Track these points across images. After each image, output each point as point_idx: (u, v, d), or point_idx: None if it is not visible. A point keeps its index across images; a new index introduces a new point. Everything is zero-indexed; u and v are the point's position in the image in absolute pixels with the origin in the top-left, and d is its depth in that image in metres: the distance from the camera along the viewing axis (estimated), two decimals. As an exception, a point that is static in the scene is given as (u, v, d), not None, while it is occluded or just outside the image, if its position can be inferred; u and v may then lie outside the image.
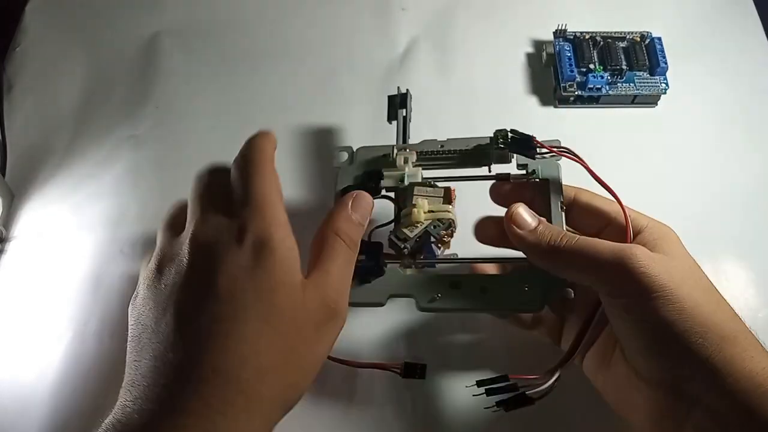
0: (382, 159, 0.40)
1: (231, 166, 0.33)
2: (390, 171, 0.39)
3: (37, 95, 0.53)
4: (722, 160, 0.50)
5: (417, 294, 0.36)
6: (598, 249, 0.31)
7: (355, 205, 0.34)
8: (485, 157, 0.39)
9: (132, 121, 0.51)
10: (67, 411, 0.40)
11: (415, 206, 0.36)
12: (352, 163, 0.40)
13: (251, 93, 0.53)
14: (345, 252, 0.33)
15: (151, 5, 0.57)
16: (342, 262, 0.32)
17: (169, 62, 0.54)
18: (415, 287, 0.36)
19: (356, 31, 0.56)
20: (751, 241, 0.47)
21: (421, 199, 0.37)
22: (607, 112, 0.52)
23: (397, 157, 0.39)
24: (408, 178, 0.38)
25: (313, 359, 0.30)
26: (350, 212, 0.34)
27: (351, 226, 0.33)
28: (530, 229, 0.34)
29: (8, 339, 0.43)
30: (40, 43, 0.56)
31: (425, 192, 0.38)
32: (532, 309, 0.35)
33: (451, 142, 0.40)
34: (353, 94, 0.53)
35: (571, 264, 0.33)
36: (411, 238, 0.36)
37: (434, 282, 0.36)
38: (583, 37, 0.52)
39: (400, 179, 0.38)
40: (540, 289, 0.35)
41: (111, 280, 0.45)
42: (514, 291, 0.35)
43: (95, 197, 0.48)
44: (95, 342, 0.42)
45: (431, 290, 0.36)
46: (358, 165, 0.40)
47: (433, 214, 0.37)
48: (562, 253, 0.32)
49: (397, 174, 0.38)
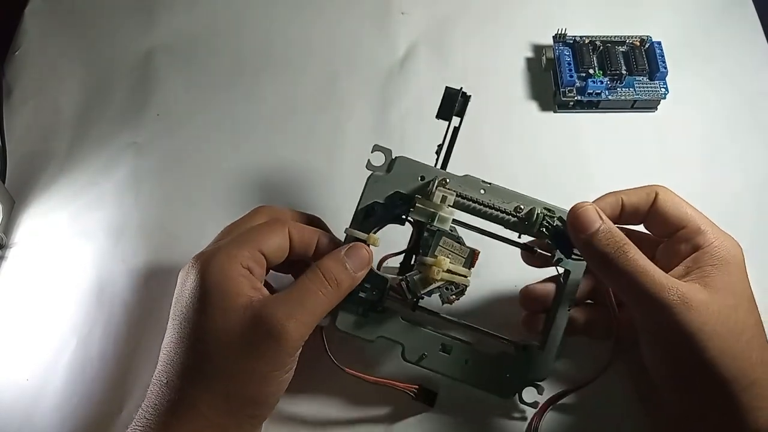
0: (419, 182, 0.37)
1: None
2: (423, 203, 0.36)
3: (36, 100, 0.53)
4: (722, 164, 0.50)
5: (407, 344, 0.37)
6: (640, 278, 0.32)
7: (349, 254, 0.35)
8: (523, 227, 0.37)
9: (133, 128, 0.51)
10: (72, 419, 0.40)
11: (436, 262, 0.35)
12: (388, 172, 0.37)
13: (253, 99, 0.53)
14: (319, 284, 0.34)
15: (152, 12, 0.57)
16: (309, 292, 0.33)
17: (170, 68, 0.54)
18: (407, 337, 0.37)
19: (356, 36, 0.56)
20: (752, 246, 0.46)
21: (444, 256, 0.35)
22: (607, 117, 0.52)
23: (436, 191, 0.36)
24: (439, 222, 0.36)
25: (255, 374, 0.32)
26: (343, 257, 0.35)
27: (340, 268, 0.34)
28: (589, 232, 0.34)
29: (9, 346, 0.43)
30: (40, 47, 0.56)
31: (450, 247, 0.35)
32: (501, 396, 0.37)
33: (494, 189, 0.37)
34: (354, 99, 0.53)
35: (615, 279, 0.34)
36: (420, 296, 0.36)
37: (427, 339, 0.37)
38: (583, 42, 0.52)
39: (432, 218, 0.36)
40: (517, 380, 0.37)
41: (113, 289, 0.45)
42: (494, 374, 0.37)
43: (96, 204, 0.48)
44: (99, 350, 0.43)
45: (421, 347, 0.37)
46: (392, 177, 0.37)
47: (451, 275, 0.35)
48: (609, 265, 0.33)
49: (431, 212, 0.36)
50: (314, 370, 0.38)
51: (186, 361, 0.32)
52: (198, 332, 0.32)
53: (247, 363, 0.32)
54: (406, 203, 0.36)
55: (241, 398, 0.32)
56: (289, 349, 0.32)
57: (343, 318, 0.36)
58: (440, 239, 0.35)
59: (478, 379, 0.37)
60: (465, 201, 0.37)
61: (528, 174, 0.49)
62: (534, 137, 0.51)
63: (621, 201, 0.37)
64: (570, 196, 0.41)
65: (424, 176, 0.37)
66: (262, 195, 0.49)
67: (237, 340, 0.32)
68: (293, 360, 0.34)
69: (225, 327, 0.32)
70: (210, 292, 0.32)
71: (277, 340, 0.32)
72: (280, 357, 0.32)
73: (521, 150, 0.51)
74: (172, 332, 0.34)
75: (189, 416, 0.31)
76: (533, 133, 0.52)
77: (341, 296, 0.35)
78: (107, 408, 0.41)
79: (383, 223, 0.37)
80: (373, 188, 0.37)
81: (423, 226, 0.36)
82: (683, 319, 0.31)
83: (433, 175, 0.37)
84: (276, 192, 0.49)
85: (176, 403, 0.32)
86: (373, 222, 0.37)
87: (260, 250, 0.34)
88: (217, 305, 0.32)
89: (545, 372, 0.37)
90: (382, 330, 0.36)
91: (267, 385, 0.33)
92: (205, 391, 0.32)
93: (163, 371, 0.33)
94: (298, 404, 0.40)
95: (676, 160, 0.50)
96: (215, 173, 0.49)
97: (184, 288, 0.34)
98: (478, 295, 0.44)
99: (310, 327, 0.33)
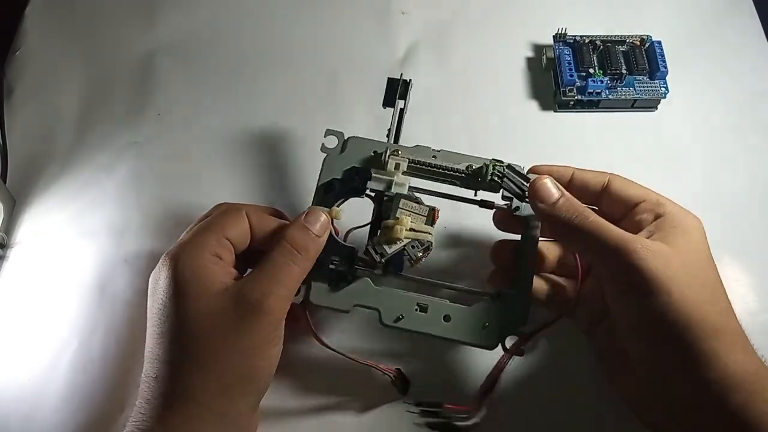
0: (372, 156, 0.40)
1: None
2: (379, 174, 0.39)
3: (37, 100, 0.53)
4: (722, 164, 0.50)
5: (383, 309, 0.37)
6: (604, 234, 0.33)
7: (308, 218, 0.36)
8: (476, 182, 0.40)
9: (134, 128, 0.51)
10: (73, 419, 0.40)
11: (398, 222, 0.37)
12: (342, 152, 0.40)
13: (253, 99, 0.53)
14: (289, 255, 0.35)
15: (153, 12, 0.57)
16: (280, 265, 0.34)
17: (171, 68, 0.54)
18: (383, 302, 0.37)
19: (356, 36, 0.56)
20: (752, 245, 0.47)
21: (405, 216, 0.37)
22: (607, 117, 0.52)
23: (389, 160, 0.39)
24: (396, 187, 0.38)
25: (244, 351, 0.33)
26: (302, 221, 0.36)
27: (304, 234, 0.35)
28: (550, 202, 0.36)
29: (11, 346, 0.43)
30: (41, 47, 0.56)
31: (410, 207, 0.38)
32: (487, 346, 0.37)
33: (445, 154, 0.40)
34: (353, 99, 0.53)
35: (580, 241, 0.35)
36: (389, 254, 0.37)
37: (402, 301, 0.37)
38: (583, 41, 0.52)
39: (388, 185, 0.38)
40: (497, 329, 0.37)
41: (115, 289, 0.45)
42: (475, 326, 0.37)
43: (97, 204, 0.48)
44: (101, 350, 0.43)
45: (397, 309, 0.37)
46: (347, 156, 0.40)
47: (414, 233, 0.37)
48: (572, 229, 0.35)
49: (386, 179, 0.39)
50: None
51: (172, 353, 0.33)
52: (179, 324, 0.33)
53: (233, 342, 0.32)
54: (362, 176, 0.39)
55: (233, 377, 0.33)
56: (273, 323, 0.34)
57: (316, 291, 0.37)
58: (399, 201, 0.38)
59: (459, 333, 0.37)
60: (418, 166, 0.39)
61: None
62: (534, 137, 0.52)
63: (573, 174, 0.39)
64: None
65: (377, 150, 0.39)
66: (262, 195, 0.49)
67: (220, 322, 0.32)
68: (279, 332, 0.35)
69: (206, 312, 0.32)
70: (186, 283, 0.33)
71: (259, 317, 0.33)
72: (265, 332, 0.33)
73: (521, 149, 0.51)
74: (152, 330, 0.34)
75: (184, 404, 0.32)
76: (533, 133, 0.52)
77: (312, 262, 0.36)
78: (108, 408, 0.41)
79: (343, 197, 0.39)
80: (330, 167, 0.39)
81: (382, 196, 0.38)
82: (648, 265, 0.32)
83: (383, 148, 0.39)
84: (276, 192, 0.49)
85: (169, 395, 0.32)
86: (333, 197, 0.39)
87: (225, 236, 0.35)
88: (194, 295, 0.33)
89: (524, 315, 0.38)
90: (356, 298, 0.37)
91: (257, 359, 0.33)
92: (196, 376, 0.32)
93: (150, 368, 0.33)
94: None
95: (676, 159, 0.50)
96: (216, 172, 0.49)
97: (157, 286, 0.34)
98: (442, 257, 0.46)
99: (289, 299, 0.35)
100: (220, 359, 0.32)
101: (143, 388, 0.33)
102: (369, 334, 0.43)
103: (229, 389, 0.33)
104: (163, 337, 0.33)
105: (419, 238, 0.37)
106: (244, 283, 0.34)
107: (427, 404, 0.40)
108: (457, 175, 0.39)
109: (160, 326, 0.33)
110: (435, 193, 0.40)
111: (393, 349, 0.43)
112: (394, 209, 0.37)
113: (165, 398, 0.32)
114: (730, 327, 0.32)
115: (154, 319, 0.34)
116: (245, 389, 0.34)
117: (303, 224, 0.36)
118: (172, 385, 0.32)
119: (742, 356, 0.31)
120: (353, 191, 0.39)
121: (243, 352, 0.33)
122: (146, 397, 0.33)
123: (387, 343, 0.43)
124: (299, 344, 0.42)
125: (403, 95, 0.42)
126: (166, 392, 0.32)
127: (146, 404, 0.33)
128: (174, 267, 0.34)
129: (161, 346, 0.33)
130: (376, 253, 0.37)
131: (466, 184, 0.40)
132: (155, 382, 0.33)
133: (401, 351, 0.43)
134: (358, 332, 0.43)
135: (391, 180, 0.38)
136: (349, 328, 0.43)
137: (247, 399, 0.34)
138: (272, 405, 0.40)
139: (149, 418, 0.32)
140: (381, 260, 0.37)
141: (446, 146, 0.39)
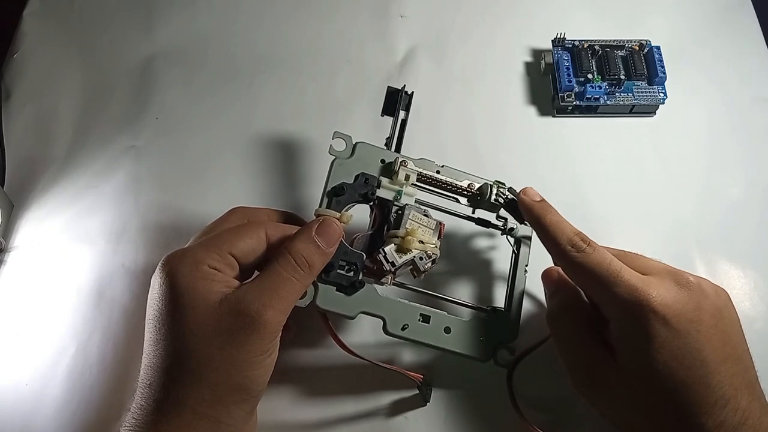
0: (381, 164, 0.40)
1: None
2: (389, 183, 0.39)
3: (35, 103, 0.53)
4: (720, 169, 0.50)
5: (388, 318, 0.37)
6: (614, 279, 0.34)
7: (320, 230, 0.36)
8: (476, 201, 0.41)
9: (132, 132, 0.51)
10: (71, 424, 0.40)
11: (408, 233, 0.37)
12: (351, 157, 0.40)
13: (252, 103, 0.53)
14: (292, 271, 0.34)
15: (151, 15, 0.57)
16: (284, 280, 0.34)
17: (169, 72, 0.54)
18: (388, 311, 0.38)
19: (355, 39, 0.56)
20: (749, 251, 0.47)
21: (415, 227, 0.38)
22: (605, 122, 0.52)
23: (399, 170, 0.39)
24: (405, 198, 0.39)
25: (239, 362, 0.33)
26: (313, 235, 0.35)
27: (310, 248, 0.35)
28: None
29: (8, 351, 0.43)
30: (39, 50, 0.55)
31: (419, 220, 0.38)
32: (480, 360, 0.38)
33: (448, 170, 0.41)
34: (352, 102, 0.53)
35: (588, 282, 0.35)
36: (399, 264, 0.37)
37: (406, 310, 0.38)
38: (582, 46, 0.52)
39: (398, 195, 0.39)
40: (491, 344, 0.39)
41: (113, 294, 0.45)
42: (472, 339, 0.38)
43: (95, 208, 0.48)
44: (99, 355, 0.43)
45: (402, 318, 0.38)
46: (354, 161, 0.39)
47: (423, 246, 0.38)
48: (575, 266, 0.35)
49: (396, 189, 0.39)
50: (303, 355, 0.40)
51: (166, 361, 0.33)
52: (174, 333, 0.33)
53: (228, 352, 0.32)
54: (372, 183, 0.39)
55: (227, 386, 0.33)
56: (269, 336, 0.33)
57: (323, 296, 0.37)
58: (410, 212, 0.38)
59: (459, 345, 0.38)
60: (426, 179, 0.40)
61: (526, 178, 0.48)
62: (532, 142, 0.52)
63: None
64: (569, 200, 0.42)
65: (384, 159, 0.40)
66: (262, 198, 0.48)
67: (215, 332, 0.32)
68: (275, 343, 0.35)
69: (202, 322, 0.32)
70: (181, 294, 0.33)
71: (256, 329, 0.32)
72: (261, 344, 0.33)
73: (520, 154, 0.51)
74: (148, 336, 0.34)
75: (176, 412, 0.32)
76: (532, 138, 0.52)
77: (314, 276, 0.36)
78: (106, 413, 0.41)
79: (351, 203, 0.39)
80: (339, 170, 0.39)
81: (389, 204, 0.39)
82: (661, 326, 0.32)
83: (393, 157, 0.40)
84: (275, 195, 0.49)
85: (162, 402, 0.32)
86: (343, 201, 0.39)
87: (231, 252, 0.35)
88: (189, 305, 0.33)
89: (514, 332, 0.40)
90: (362, 305, 0.37)
91: (251, 369, 0.33)
92: (190, 385, 0.32)
93: (145, 374, 0.33)
94: (286, 387, 0.42)
95: (674, 164, 0.50)
96: (214, 176, 0.49)
97: (153, 291, 0.34)
98: (441, 270, 0.45)
99: (287, 312, 0.34)
100: (214, 369, 0.32)
101: (138, 395, 0.34)
102: (364, 337, 0.43)
103: (223, 398, 0.33)
104: (158, 344, 0.33)
105: (429, 251, 0.38)
106: (244, 293, 0.33)
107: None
108: (462, 192, 0.40)
109: (155, 333, 0.33)
110: (434, 207, 0.41)
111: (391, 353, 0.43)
112: (405, 219, 0.38)
113: (159, 405, 0.32)
114: (732, 395, 0.32)
115: (150, 324, 0.34)
116: (239, 398, 0.33)
117: (312, 238, 0.35)
118: (165, 393, 0.32)
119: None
120: (362, 197, 0.39)
121: (238, 363, 0.33)
122: (140, 403, 0.33)
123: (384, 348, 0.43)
124: (299, 349, 0.42)
125: (406, 107, 0.43)
126: (159, 399, 0.32)
127: (140, 410, 0.33)
128: (170, 276, 0.33)
129: (156, 354, 0.33)
130: (387, 262, 0.37)
131: (469, 202, 0.41)
132: (149, 389, 0.33)
133: (400, 354, 0.43)
134: (359, 335, 0.43)
135: (401, 190, 0.39)
136: (348, 331, 0.43)
137: (242, 407, 0.34)
138: (281, 413, 0.41)
139: (143, 424, 0.32)
140: (392, 269, 0.37)
141: (443, 150, 0.40)
